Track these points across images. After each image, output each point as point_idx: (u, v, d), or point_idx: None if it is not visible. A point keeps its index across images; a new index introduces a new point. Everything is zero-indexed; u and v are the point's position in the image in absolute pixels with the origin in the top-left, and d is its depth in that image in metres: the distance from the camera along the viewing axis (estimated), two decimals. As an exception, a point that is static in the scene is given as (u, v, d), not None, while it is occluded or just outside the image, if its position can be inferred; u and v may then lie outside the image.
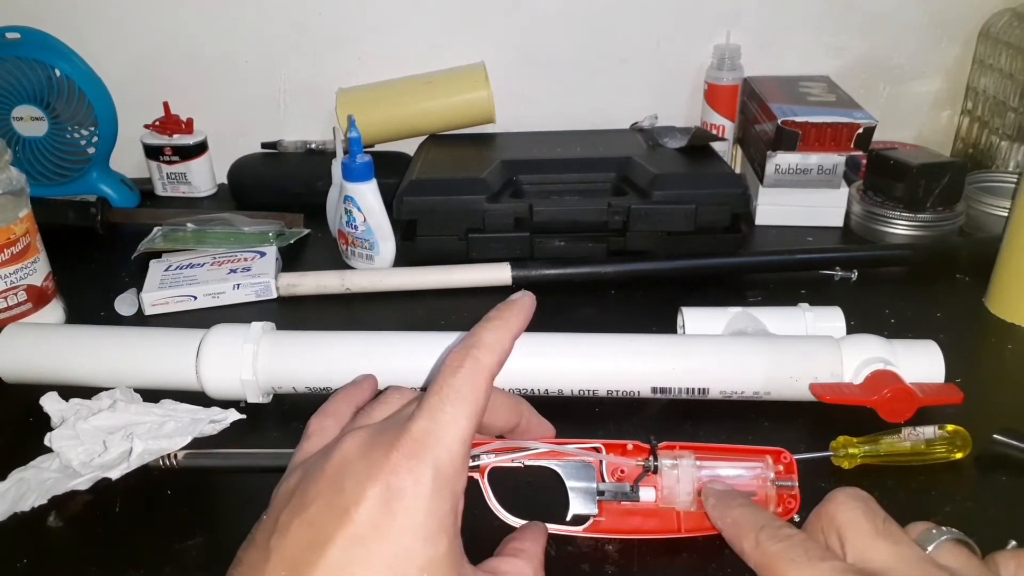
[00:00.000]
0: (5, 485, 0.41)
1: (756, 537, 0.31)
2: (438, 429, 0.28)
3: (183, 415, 0.45)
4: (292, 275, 0.63)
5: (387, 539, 0.26)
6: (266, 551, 0.27)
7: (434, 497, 0.27)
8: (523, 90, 0.86)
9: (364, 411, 0.33)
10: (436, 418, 0.28)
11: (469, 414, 0.29)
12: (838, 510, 0.30)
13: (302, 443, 0.34)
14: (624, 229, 0.65)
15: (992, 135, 0.80)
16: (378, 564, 0.26)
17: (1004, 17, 0.79)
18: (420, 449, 0.27)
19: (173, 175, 0.83)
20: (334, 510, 0.27)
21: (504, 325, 0.31)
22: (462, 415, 0.29)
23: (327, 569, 0.26)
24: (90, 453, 0.42)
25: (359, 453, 0.28)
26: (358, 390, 0.38)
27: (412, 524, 0.27)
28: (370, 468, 0.27)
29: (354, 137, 0.63)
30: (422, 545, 0.27)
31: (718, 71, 0.81)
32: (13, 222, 0.54)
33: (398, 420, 0.30)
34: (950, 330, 0.56)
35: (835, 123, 0.70)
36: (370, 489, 0.27)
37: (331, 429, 0.34)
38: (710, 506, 0.35)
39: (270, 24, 0.83)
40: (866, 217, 0.71)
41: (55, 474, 0.42)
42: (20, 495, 0.40)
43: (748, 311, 0.52)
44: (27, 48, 0.75)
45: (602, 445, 0.38)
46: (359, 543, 0.26)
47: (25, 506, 0.40)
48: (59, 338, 0.50)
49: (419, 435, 0.28)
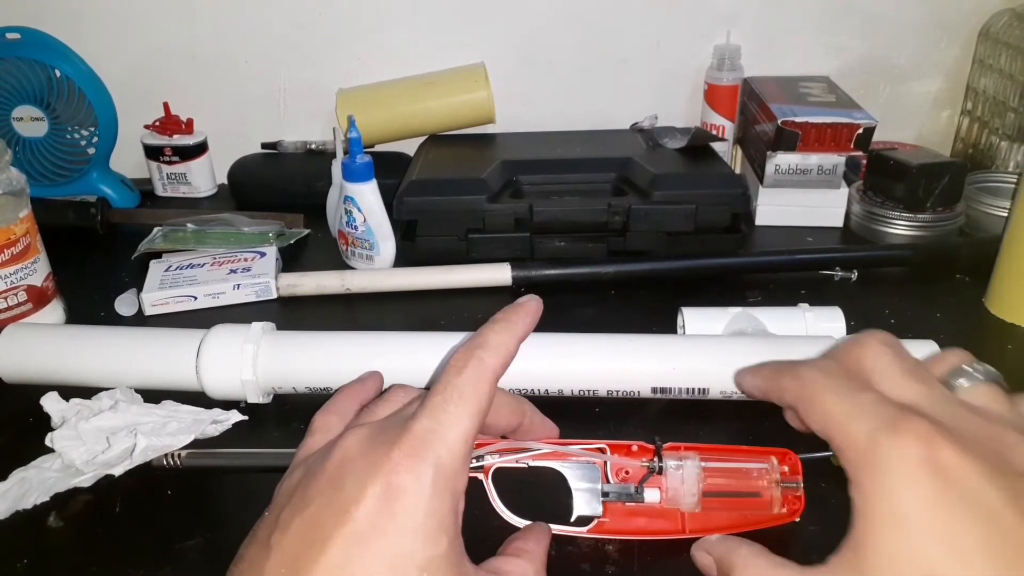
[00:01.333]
0: (6, 484, 0.41)
1: (797, 370, 0.31)
2: (440, 428, 0.28)
3: (185, 416, 0.45)
4: (292, 275, 0.63)
5: (387, 538, 0.26)
6: (267, 548, 0.27)
7: (435, 496, 0.27)
8: (523, 90, 0.86)
9: (368, 408, 0.33)
10: (438, 417, 0.28)
11: (472, 414, 0.29)
12: (866, 354, 0.30)
13: (306, 440, 0.34)
14: (624, 229, 0.65)
15: (992, 135, 0.80)
16: (377, 563, 0.26)
17: (1004, 17, 0.79)
18: (421, 448, 0.27)
19: (173, 175, 0.83)
20: (334, 508, 0.27)
21: (510, 328, 0.31)
22: (465, 415, 0.28)
23: (327, 567, 0.26)
24: (92, 453, 0.42)
25: (360, 451, 0.28)
26: (363, 387, 0.38)
27: (412, 523, 0.26)
28: (371, 466, 0.27)
29: (354, 137, 0.63)
30: (422, 544, 0.26)
31: (718, 71, 0.81)
32: (13, 222, 0.54)
33: (400, 418, 0.30)
34: (950, 330, 0.56)
35: (835, 123, 0.70)
36: (370, 487, 0.27)
37: (335, 426, 0.34)
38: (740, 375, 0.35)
39: (270, 24, 0.83)
40: (866, 217, 0.71)
41: (56, 473, 0.42)
42: (22, 494, 0.40)
43: (748, 311, 0.52)
44: (27, 48, 0.75)
45: (607, 446, 0.38)
46: (359, 542, 0.26)
47: (27, 504, 0.40)
48: (59, 338, 0.50)
49: (421, 434, 0.28)
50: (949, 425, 0.27)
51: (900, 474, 0.25)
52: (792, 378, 0.31)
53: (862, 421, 0.27)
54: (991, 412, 0.28)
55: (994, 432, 0.27)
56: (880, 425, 0.27)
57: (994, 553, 0.24)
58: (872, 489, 0.26)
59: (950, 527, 0.25)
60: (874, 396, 0.28)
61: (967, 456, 0.25)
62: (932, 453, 0.25)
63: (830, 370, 0.30)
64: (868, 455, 0.26)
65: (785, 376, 0.32)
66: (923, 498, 0.25)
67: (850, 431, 0.27)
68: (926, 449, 0.25)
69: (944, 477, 0.25)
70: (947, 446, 0.25)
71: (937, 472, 0.25)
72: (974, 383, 0.30)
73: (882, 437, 0.26)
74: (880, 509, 0.26)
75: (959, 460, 0.25)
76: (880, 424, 0.27)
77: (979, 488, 0.25)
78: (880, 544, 0.26)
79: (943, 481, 0.25)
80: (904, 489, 0.25)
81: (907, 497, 0.25)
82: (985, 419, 0.28)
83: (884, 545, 0.26)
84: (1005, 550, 0.24)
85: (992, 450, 0.26)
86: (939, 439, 0.25)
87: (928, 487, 0.25)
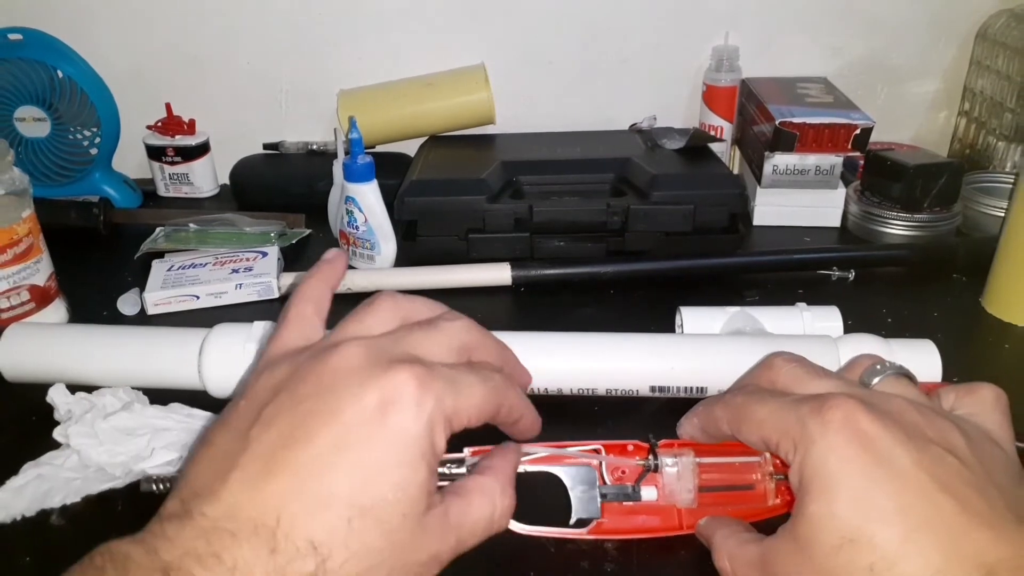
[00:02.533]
0: (20, 481, 0.41)
1: (724, 399, 0.35)
2: (458, 383, 0.29)
3: (200, 422, 0.45)
4: (294, 275, 0.64)
5: (370, 447, 0.26)
6: (244, 440, 0.27)
7: (428, 425, 0.27)
8: (523, 91, 0.86)
9: (357, 318, 0.32)
10: (460, 377, 0.29)
11: (493, 405, 0.30)
12: (777, 373, 0.34)
13: (280, 331, 0.32)
14: (623, 229, 0.66)
15: (989, 136, 0.80)
16: (355, 471, 0.26)
17: (1001, 19, 0.79)
18: (430, 378, 0.28)
19: (175, 176, 0.84)
20: (323, 410, 0.27)
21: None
22: (484, 396, 0.30)
23: (304, 465, 0.26)
24: (112, 453, 0.42)
25: (359, 363, 0.28)
26: (332, 270, 0.35)
27: (399, 441, 0.27)
28: (370, 377, 0.27)
29: (355, 138, 0.63)
30: (401, 465, 0.27)
31: (716, 72, 0.81)
32: (16, 222, 0.54)
33: (406, 342, 0.30)
34: (947, 330, 0.56)
35: (833, 124, 0.70)
36: (367, 395, 0.27)
37: (311, 318, 0.33)
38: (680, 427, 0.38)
39: (271, 25, 0.83)
40: (863, 217, 0.71)
41: (73, 473, 0.41)
42: (43, 492, 0.40)
43: (746, 311, 0.52)
44: (30, 49, 0.75)
45: (602, 446, 0.38)
46: (342, 446, 0.26)
47: (53, 503, 0.40)
48: (62, 338, 0.50)
49: (433, 368, 0.28)
50: (867, 402, 0.30)
51: (825, 442, 0.29)
52: (722, 407, 0.35)
53: (790, 413, 0.30)
54: (904, 396, 0.32)
55: (906, 407, 0.30)
56: (806, 410, 0.30)
57: (907, 512, 0.27)
58: (805, 462, 0.29)
59: (867, 489, 0.27)
60: (797, 395, 0.32)
61: (883, 423, 0.28)
62: (852, 421, 0.28)
63: (752, 390, 0.34)
64: (801, 437, 0.29)
65: (716, 407, 0.35)
66: (845, 460, 0.28)
67: (782, 425, 0.30)
68: (846, 418, 0.29)
69: (861, 441, 0.28)
70: (865, 415, 0.29)
71: (856, 436, 0.28)
72: (885, 376, 0.33)
73: (809, 418, 0.29)
74: (809, 477, 0.29)
75: (876, 427, 0.28)
76: (806, 410, 0.30)
77: (894, 451, 0.28)
78: (809, 510, 0.28)
79: (861, 445, 0.28)
80: (829, 455, 0.28)
81: (831, 462, 0.28)
82: (899, 399, 0.31)
83: (812, 510, 0.28)
84: (917, 509, 0.27)
85: (906, 420, 0.29)
86: (858, 410, 0.29)
87: (848, 450, 0.28)
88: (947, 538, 0.26)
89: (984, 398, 0.32)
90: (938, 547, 0.26)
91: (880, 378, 0.33)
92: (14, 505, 0.40)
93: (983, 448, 0.29)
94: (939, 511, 0.26)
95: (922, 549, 0.26)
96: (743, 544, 0.32)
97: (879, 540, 0.26)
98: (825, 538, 0.27)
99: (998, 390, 0.33)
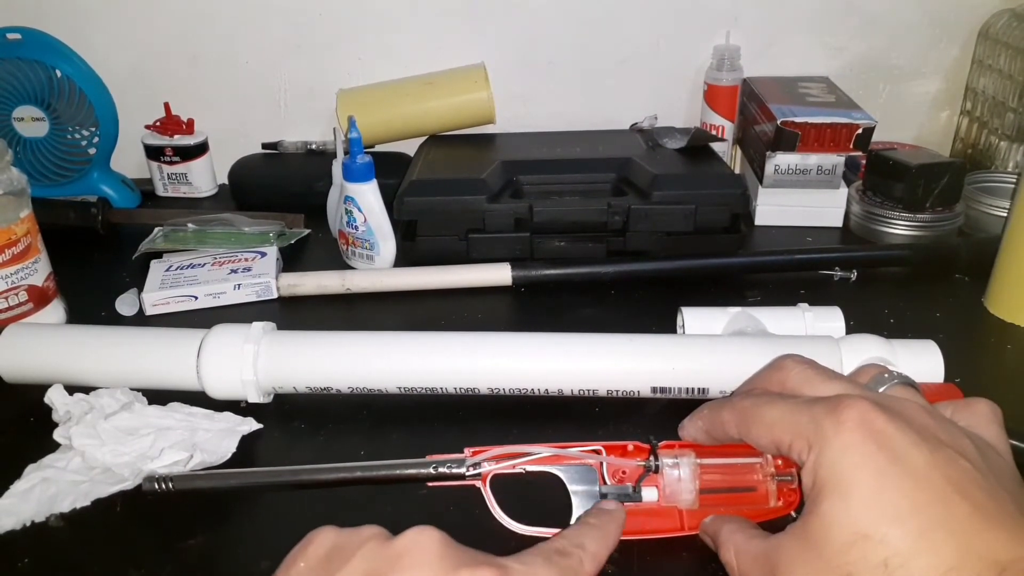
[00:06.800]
0: (25, 485, 0.40)
1: (732, 402, 0.35)
2: None
3: (202, 420, 0.45)
4: (293, 275, 0.63)
5: None
6: None
7: None
8: (523, 90, 0.86)
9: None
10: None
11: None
12: (787, 375, 0.34)
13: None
14: (624, 229, 0.66)
15: (991, 135, 0.80)
16: None
17: (1003, 18, 0.79)
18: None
19: (174, 175, 0.84)
20: None
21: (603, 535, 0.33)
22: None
23: None
24: (116, 454, 0.41)
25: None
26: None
27: None
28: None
29: (354, 138, 0.63)
30: None
31: (718, 72, 0.81)
32: (14, 222, 0.54)
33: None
34: (949, 330, 0.56)
35: (834, 123, 0.70)
36: None
37: None
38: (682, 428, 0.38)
39: (270, 25, 0.83)
40: (865, 217, 0.71)
41: (78, 475, 0.41)
42: (49, 496, 0.40)
43: (748, 311, 0.52)
44: (28, 49, 0.75)
45: (602, 447, 0.38)
46: None
47: (63, 507, 0.40)
48: (60, 338, 0.50)
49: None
50: (881, 403, 0.30)
51: (840, 441, 0.29)
52: (729, 410, 0.35)
53: (803, 414, 0.30)
54: (915, 401, 0.32)
55: (918, 410, 0.31)
56: (820, 411, 0.30)
57: (922, 511, 0.27)
58: (820, 461, 0.29)
59: (882, 487, 0.27)
60: (809, 397, 0.32)
61: (897, 424, 0.29)
62: (867, 421, 0.29)
63: (760, 393, 0.34)
64: (815, 436, 0.30)
65: (723, 410, 0.35)
66: (860, 459, 0.28)
67: (795, 426, 0.31)
68: (862, 418, 0.29)
69: (876, 440, 0.28)
70: (880, 415, 0.29)
71: (871, 436, 0.28)
72: (892, 385, 0.33)
73: (824, 418, 0.30)
74: (824, 476, 0.29)
75: (891, 427, 0.28)
76: (820, 411, 0.30)
77: (908, 451, 0.28)
78: (822, 507, 0.29)
79: (876, 444, 0.28)
80: (843, 454, 0.29)
81: (846, 461, 0.28)
82: (910, 402, 0.31)
83: (825, 507, 0.28)
84: (931, 508, 0.27)
85: (919, 423, 0.30)
86: (873, 410, 0.29)
87: (863, 449, 0.28)
88: (961, 537, 0.26)
89: (981, 412, 0.33)
90: (952, 545, 0.26)
91: (887, 386, 0.33)
92: (22, 510, 0.40)
93: (989, 454, 0.30)
94: (953, 511, 0.27)
95: (936, 547, 0.26)
96: (750, 539, 0.32)
97: (893, 537, 0.27)
98: (838, 534, 0.28)
99: (993, 404, 0.33)
